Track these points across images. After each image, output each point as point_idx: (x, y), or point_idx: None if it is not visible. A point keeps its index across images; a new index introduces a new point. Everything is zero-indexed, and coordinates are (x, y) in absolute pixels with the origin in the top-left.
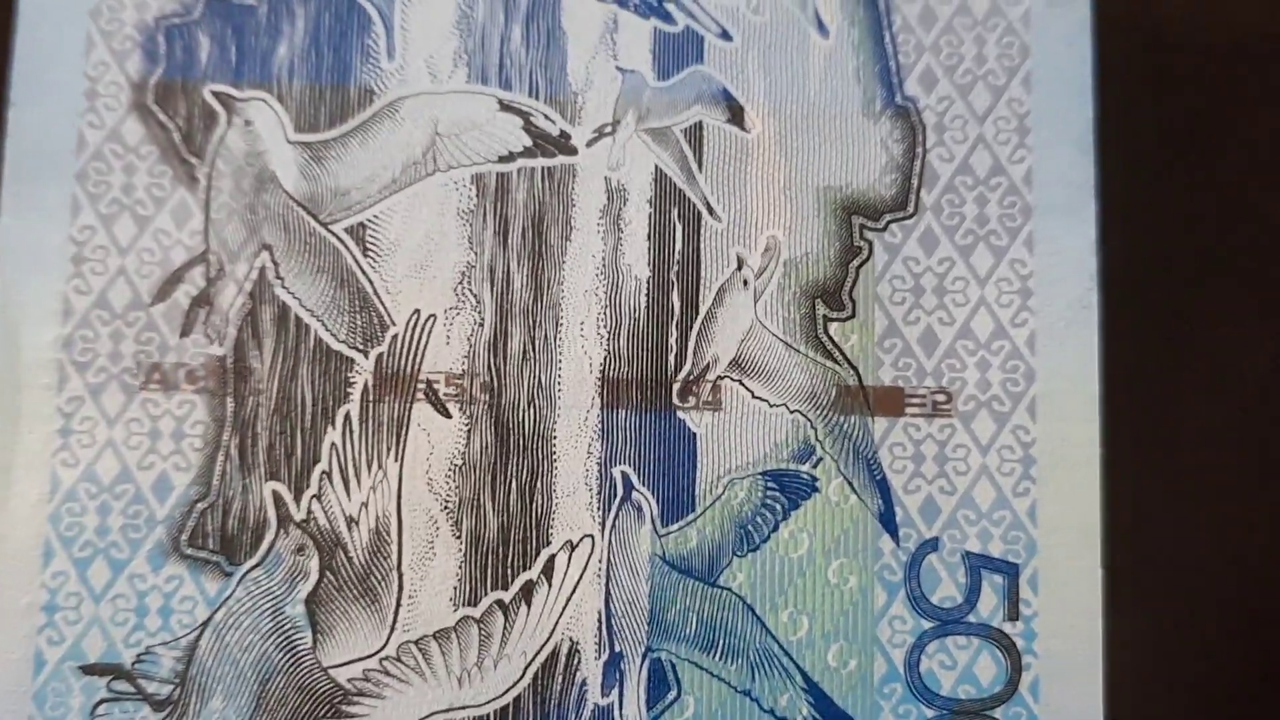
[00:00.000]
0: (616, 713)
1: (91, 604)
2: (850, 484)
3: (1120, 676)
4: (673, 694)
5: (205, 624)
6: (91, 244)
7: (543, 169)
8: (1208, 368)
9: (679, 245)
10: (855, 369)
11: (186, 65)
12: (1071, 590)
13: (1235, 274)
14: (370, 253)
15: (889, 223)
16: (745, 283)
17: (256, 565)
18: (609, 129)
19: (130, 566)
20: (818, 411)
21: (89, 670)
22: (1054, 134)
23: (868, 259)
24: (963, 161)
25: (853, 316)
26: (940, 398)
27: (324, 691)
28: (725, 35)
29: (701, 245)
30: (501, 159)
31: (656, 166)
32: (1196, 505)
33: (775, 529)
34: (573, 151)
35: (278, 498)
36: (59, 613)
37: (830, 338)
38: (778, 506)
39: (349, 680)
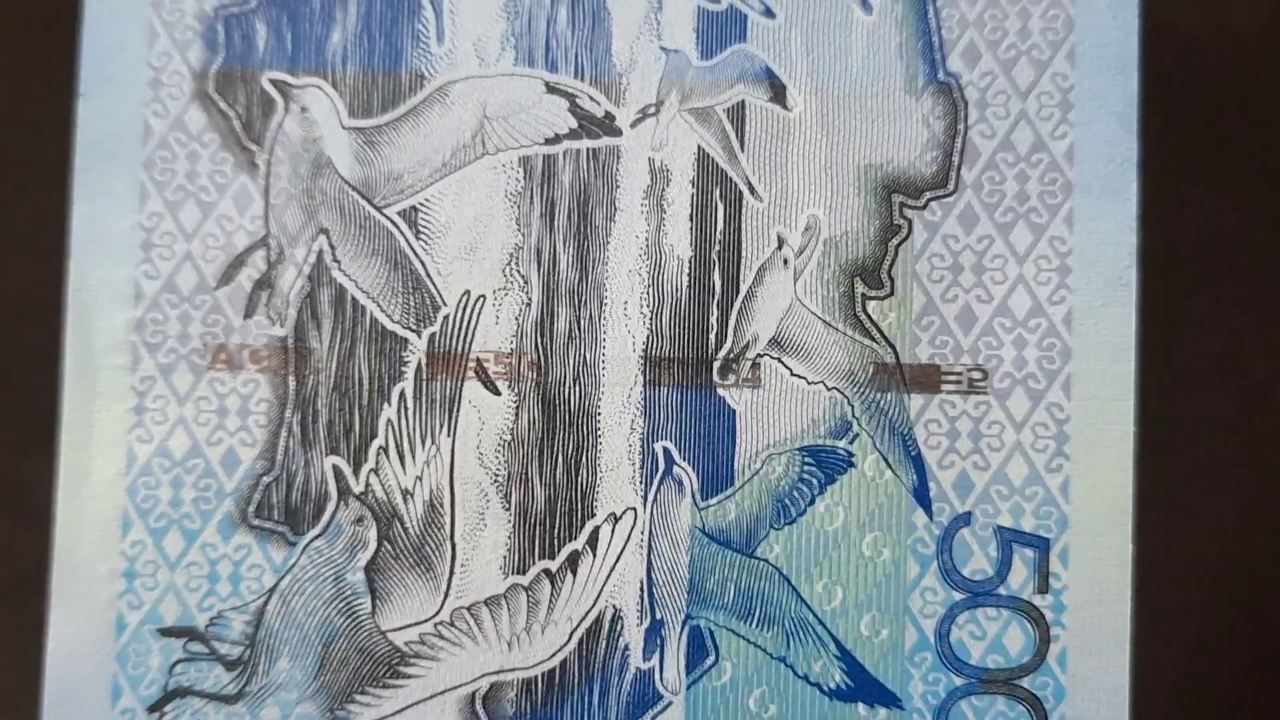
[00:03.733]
0: (657, 676)
1: (167, 571)
2: (885, 459)
3: (1148, 649)
4: (711, 659)
5: (272, 590)
6: (159, 230)
7: (588, 150)
8: (1245, 350)
9: (720, 225)
10: (893, 346)
11: (245, 53)
12: (1101, 565)
13: (1277, 256)
14: (422, 236)
15: (929, 200)
16: (785, 262)
17: (319, 535)
18: (653, 109)
19: (202, 536)
20: (855, 389)
21: (167, 633)
22: (1097, 109)
23: (907, 237)
24: (1004, 138)
25: (891, 294)
26: (976, 375)
27: (382, 653)
28: (769, 13)
29: (743, 224)
30: (548, 141)
31: (699, 146)
32: (1229, 486)
33: (811, 503)
34: (617, 132)
35: (338, 471)
36: (138, 579)
37: (868, 315)
38: (814, 481)
39: (406, 643)
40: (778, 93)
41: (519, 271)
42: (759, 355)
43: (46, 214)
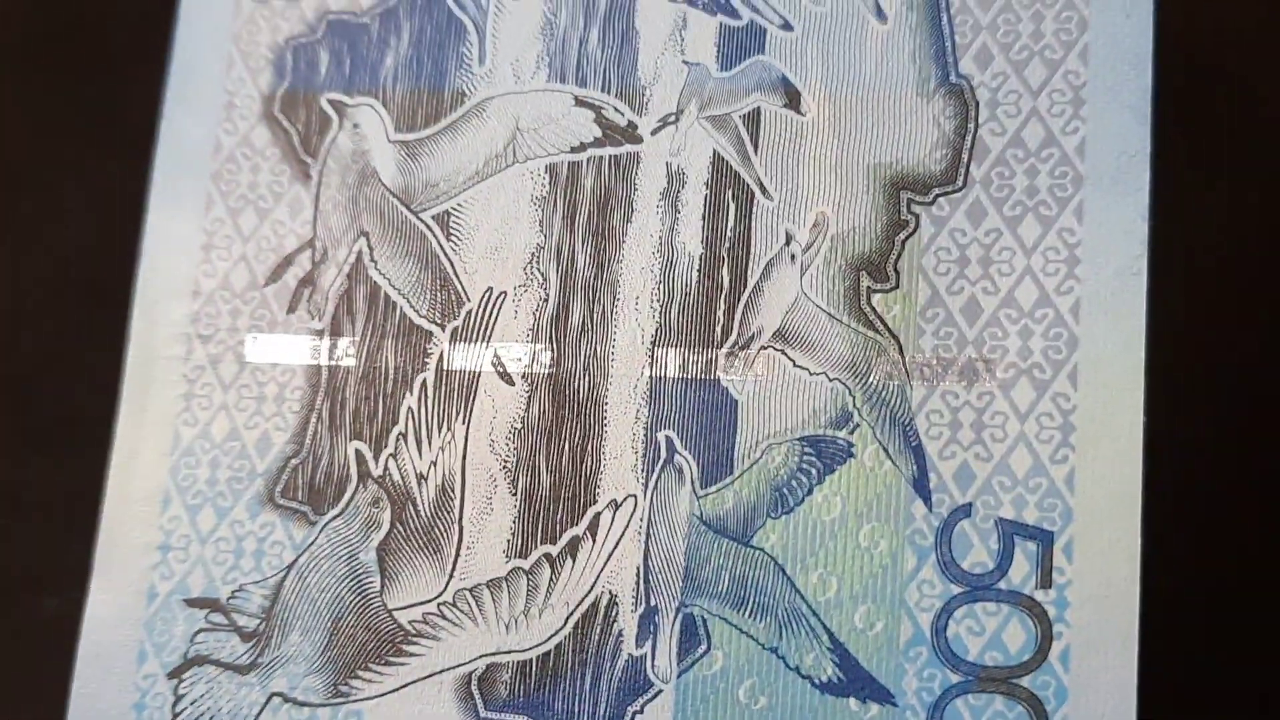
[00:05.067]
0: (649, 663)
1: (198, 545)
2: (885, 449)
3: (1156, 648)
4: (703, 648)
5: (290, 566)
6: (220, 234)
7: (609, 156)
8: (1258, 338)
9: (731, 223)
10: (896, 338)
11: (308, 78)
12: (1108, 560)
13: None
14: (453, 237)
15: (937, 196)
16: (792, 257)
17: (337, 515)
18: (672, 118)
19: (232, 513)
20: (856, 379)
21: (192, 603)
22: (1110, 104)
23: (914, 232)
24: (1014, 135)
25: (896, 288)
26: (980, 365)
27: (387, 631)
28: (787, 26)
29: (753, 223)
30: (573, 149)
31: (715, 151)
32: (1241, 480)
33: (809, 492)
34: (638, 140)
35: (360, 456)
36: (171, 552)
37: (873, 308)
38: (813, 471)
39: (410, 622)
40: (792, 99)
41: (539, 270)
42: (763, 347)
43: (125, 218)
